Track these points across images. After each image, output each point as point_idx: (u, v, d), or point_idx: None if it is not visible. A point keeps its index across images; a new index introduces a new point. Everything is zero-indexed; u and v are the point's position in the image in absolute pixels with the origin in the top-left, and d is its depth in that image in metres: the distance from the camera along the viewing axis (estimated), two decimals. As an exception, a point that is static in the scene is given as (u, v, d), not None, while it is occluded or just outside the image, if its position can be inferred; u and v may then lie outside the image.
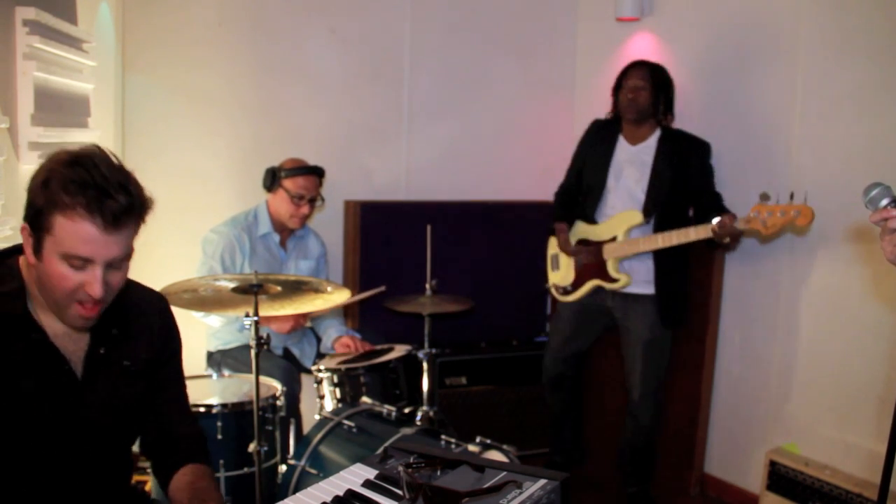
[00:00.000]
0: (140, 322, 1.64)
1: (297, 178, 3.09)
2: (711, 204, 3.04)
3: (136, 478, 2.79)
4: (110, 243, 1.43)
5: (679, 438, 3.47)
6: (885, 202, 1.51)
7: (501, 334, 3.89)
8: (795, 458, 3.01)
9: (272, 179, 3.13)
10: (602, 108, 3.34)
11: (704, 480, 3.47)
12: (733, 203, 3.32)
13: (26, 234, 1.44)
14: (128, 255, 1.49)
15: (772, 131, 3.16)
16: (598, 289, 3.20)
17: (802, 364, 3.09)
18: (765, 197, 2.71)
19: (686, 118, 3.29)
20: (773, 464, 3.05)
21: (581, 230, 3.25)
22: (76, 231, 1.39)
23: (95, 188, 1.39)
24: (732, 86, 3.32)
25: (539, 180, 4.01)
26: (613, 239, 3.12)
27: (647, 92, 3.09)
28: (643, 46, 3.69)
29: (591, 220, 3.21)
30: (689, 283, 3.25)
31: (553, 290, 3.39)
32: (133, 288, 1.65)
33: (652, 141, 3.14)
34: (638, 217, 3.08)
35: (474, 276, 3.78)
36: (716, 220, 2.80)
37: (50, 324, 1.50)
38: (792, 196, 2.68)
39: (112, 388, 1.57)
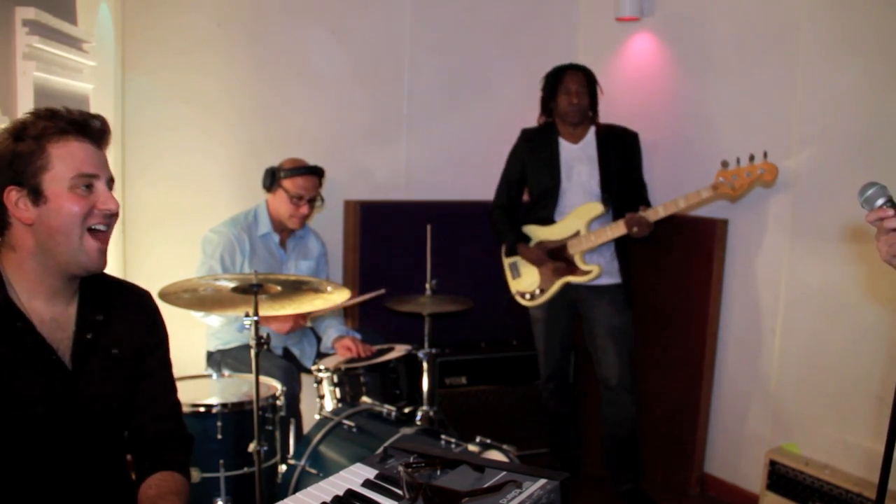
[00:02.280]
0: (124, 310, 1.63)
1: (297, 178, 3.09)
2: (642, 194, 3.27)
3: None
4: (104, 161, 1.51)
5: (679, 438, 3.47)
6: (880, 202, 1.51)
7: (501, 334, 3.89)
8: (795, 458, 3.01)
9: (272, 179, 3.13)
10: (602, 108, 3.34)
11: (704, 480, 3.47)
12: (732, 204, 3.33)
13: (13, 195, 1.44)
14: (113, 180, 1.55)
15: (772, 131, 3.16)
16: (565, 285, 3.26)
17: (802, 364, 3.09)
18: (725, 164, 2.92)
19: (686, 118, 3.29)
20: (773, 464, 3.05)
21: (538, 234, 3.32)
22: (75, 152, 1.45)
23: (71, 116, 1.47)
24: (732, 86, 3.32)
25: (539, 180, 4.00)
26: (577, 234, 3.21)
27: (586, 95, 3.22)
28: (643, 46, 3.69)
29: (549, 221, 3.28)
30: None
31: (518, 299, 3.41)
32: (115, 280, 1.66)
33: (590, 137, 3.28)
34: (599, 208, 3.19)
35: (474, 276, 3.78)
36: (630, 214, 3.06)
37: (35, 311, 1.48)
38: (752, 158, 2.87)
39: (103, 377, 1.55)
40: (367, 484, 1.30)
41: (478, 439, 2.47)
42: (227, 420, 2.53)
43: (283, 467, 2.62)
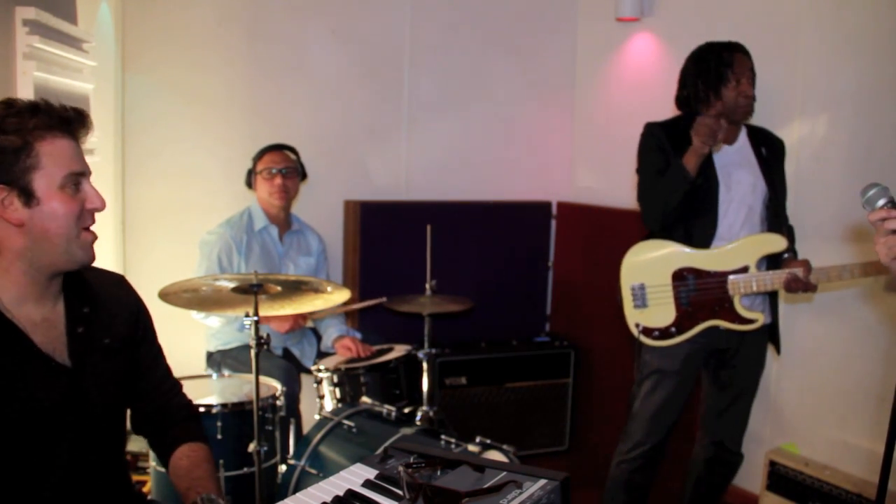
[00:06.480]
0: (107, 299, 1.62)
1: (263, 157, 3.18)
2: (785, 223, 2.64)
3: (134, 477, 2.78)
4: (83, 155, 1.47)
5: (679, 438, 3.46)
6: (881, 202, 1.51)
7: (501, 334, 3.89)
8: (795, 458, 3.01)
9: (249, 175, 3.22)
10: (602, 108, 3.33)
11: (704, 480, 3.47)
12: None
13: (3, 196, 1.37)
14: None
15: (771, 131, 3.16)
16: (712, 329, 2.56)
17: (802, 364, 3.09)
18: None
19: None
20: (773, 464, 3.05)
21: (684, 258, 2.53)
22: (63, 150, 1.41)
23: (56, 111, 1.41)
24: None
25: (539, 180, 4.01)
26: (744, 269, 2.51)
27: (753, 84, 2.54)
28: (643, 47, 3.69)
29: (704, 244, 2.52)
30: None
31: (639, 334, 2.58)
32: (91, 269, 1.64)
33: (743, 138, 2.61)
34: (781, 243, 2.49)
35: (474, 276, 3.78)
36: (793, 271, 2.46)
37: (26, 316, 1.45)
38: None
39: (101, 369, 1.55)
40: (368, 484, 1.29)
41: (478, 439, 2.47)
42: (226, 420, 2.53)
43: (283, 467, 2.62)
